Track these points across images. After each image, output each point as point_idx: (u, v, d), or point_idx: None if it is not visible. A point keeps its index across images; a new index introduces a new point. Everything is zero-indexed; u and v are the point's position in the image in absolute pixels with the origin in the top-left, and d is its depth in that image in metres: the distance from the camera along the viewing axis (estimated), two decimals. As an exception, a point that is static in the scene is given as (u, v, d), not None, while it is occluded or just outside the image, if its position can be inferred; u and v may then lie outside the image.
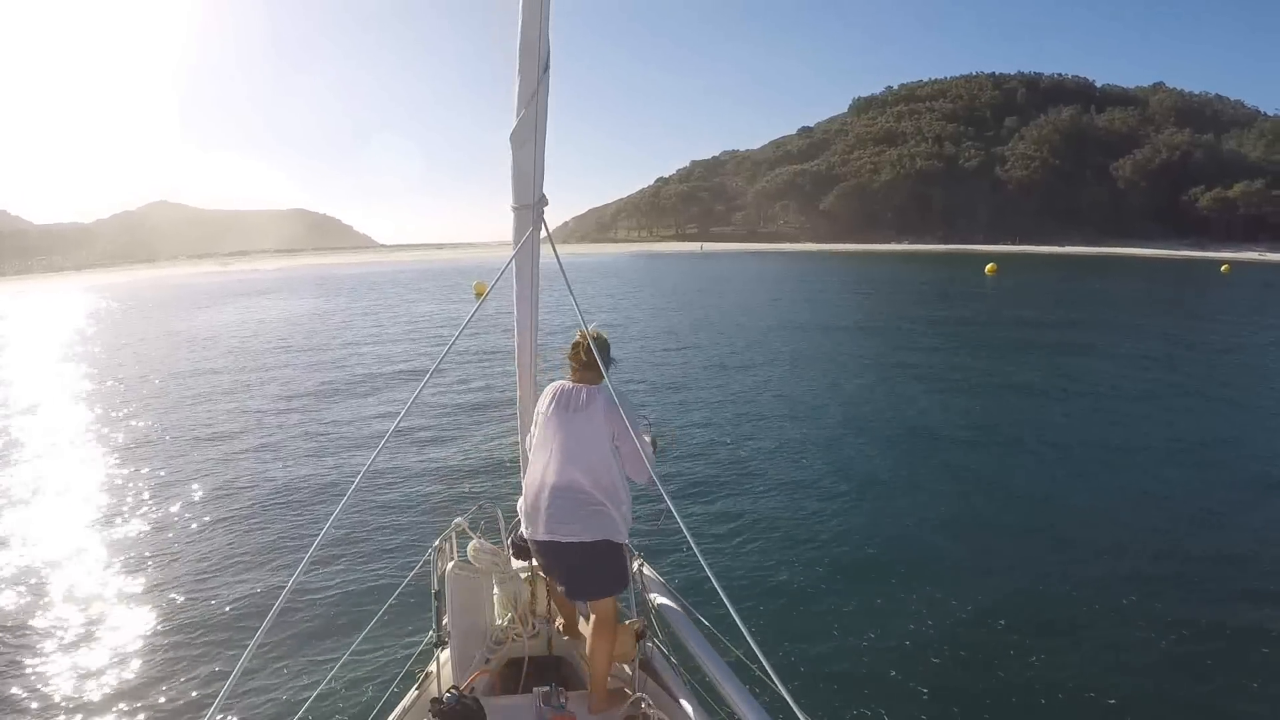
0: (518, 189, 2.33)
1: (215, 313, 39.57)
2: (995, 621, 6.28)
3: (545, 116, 2.09)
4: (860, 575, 7.15)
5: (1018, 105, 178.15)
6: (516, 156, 2.21)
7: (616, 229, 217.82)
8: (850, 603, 6.59)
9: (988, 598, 6.68)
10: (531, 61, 1.91)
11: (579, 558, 3.03)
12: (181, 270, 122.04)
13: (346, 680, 5.10)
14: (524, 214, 2.40)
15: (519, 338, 3.08)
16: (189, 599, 6.72)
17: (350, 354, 21.90)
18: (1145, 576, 7.09)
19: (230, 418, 14.02)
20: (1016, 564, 7.45)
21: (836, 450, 11.37)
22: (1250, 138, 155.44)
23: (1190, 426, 12.81)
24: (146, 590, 6.95)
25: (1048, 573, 7.20)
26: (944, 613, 6.40)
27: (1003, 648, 5.90)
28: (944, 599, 6.63)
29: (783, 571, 7.18)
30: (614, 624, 3.12)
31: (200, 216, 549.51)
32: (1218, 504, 9.10)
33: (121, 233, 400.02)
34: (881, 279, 55.96)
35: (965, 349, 21.55)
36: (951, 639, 5.98)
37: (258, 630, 1.89)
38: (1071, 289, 46.82)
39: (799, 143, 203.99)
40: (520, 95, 1.99)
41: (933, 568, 7.33)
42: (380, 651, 5.45)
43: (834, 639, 6.00)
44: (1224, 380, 16.91)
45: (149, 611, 6.53)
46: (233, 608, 6.54)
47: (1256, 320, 28.86)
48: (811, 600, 6.65)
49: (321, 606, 6.44)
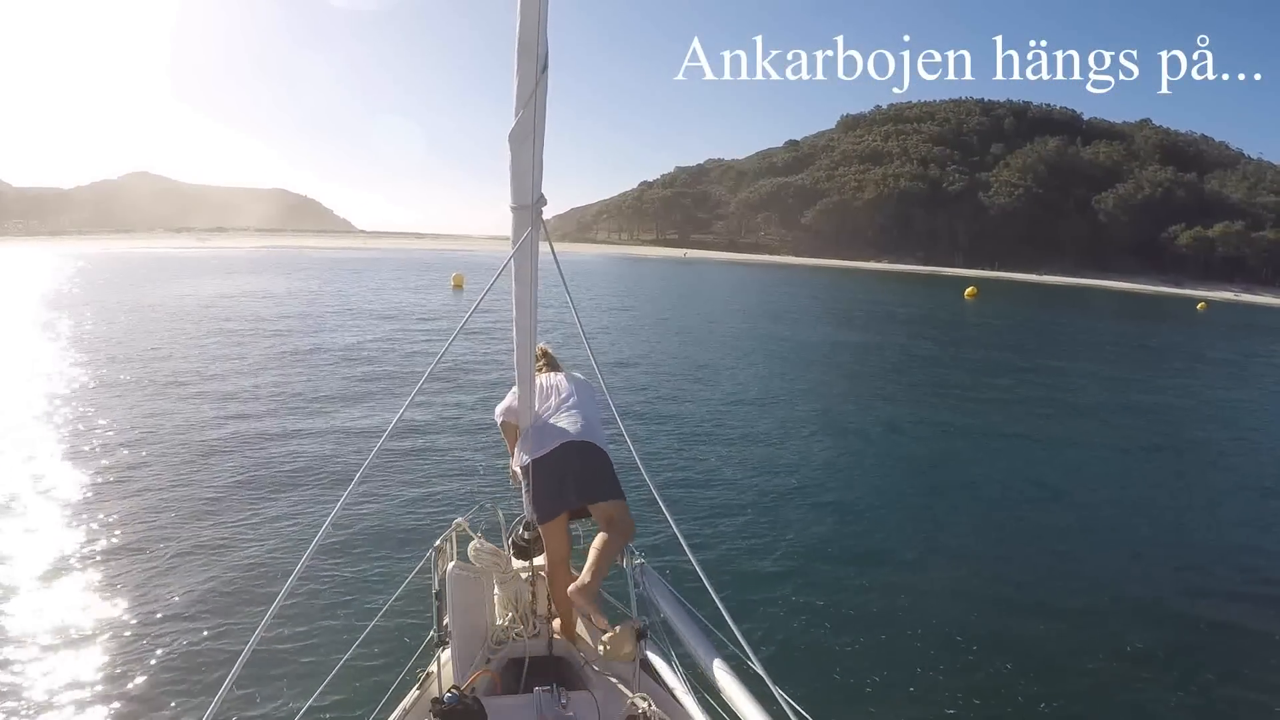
0: (516, 189, 2.34)
1: (196, 290, 37.49)
2: (995, 621, 6.51)
3: (544, 116, 2.11)
4: (861, 575, 7.31)
5: (1005, 133, 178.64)
6: (515, 156, 2.22)
7: (597, 230, 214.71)
8: (851, 602, 6.73)
9: (987, 597, 6.94)
10: (530, 61, 1.93)
11: (597, 459, 3.41)
12: (160, 243, 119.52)
13: (346, 680, 4.94)
14: (523, 214, 2.41)
15: (518, 339, 3.02)
16: (185, 599, 6.57)
17: (344, 346, 21.05)
18: (1144, 577, 7.64)
19: (222, 413, 13.27)
20: (1016, 564, 7.85)
21: (837, 454, 11.63)
22: (1233, 179, 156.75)
23: (1185, 458, 13.40)
24: (142, 590, 6.72)
25: (1047, 572, 7.62)
26: (944, 612, 6.59)
27: (1002, 647, 6.07)
28: (944, 599, 6.86)
29: (783, 571, 7.29)
30: (631, 525, 3.45)
31: (180, 189, 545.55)
32: (1206, 518, 9.90)
33: (100, 200, 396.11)
34: (862, 297, 56.45)
35: (949, 369, 22.03)
36: (952, 638, 6.15)
37: (255, 630, 1.89)
38: (1054, 319, 47.81)
39: (785, 155, 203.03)
40: (519, 95, 2.02)
41: (933, 568, 7.57)
42: (380, 651, 5.38)
43: (834, 639, 6.09)
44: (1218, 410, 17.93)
45: (145, 611, 6.35)
46: (230, 608, 6.40)
47: (1238, 358, 30.57)
48: (812, 600, 6.71)
49: (321, 606, 6.38)
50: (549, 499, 3.44)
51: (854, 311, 41.90)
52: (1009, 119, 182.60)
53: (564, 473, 3.38)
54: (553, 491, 3.43)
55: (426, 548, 3.49)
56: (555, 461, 3.38)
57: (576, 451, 3.38)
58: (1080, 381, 21.43)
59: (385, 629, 5.31)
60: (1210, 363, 28.12)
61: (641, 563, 3.38)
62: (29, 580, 6.98)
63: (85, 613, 6.40)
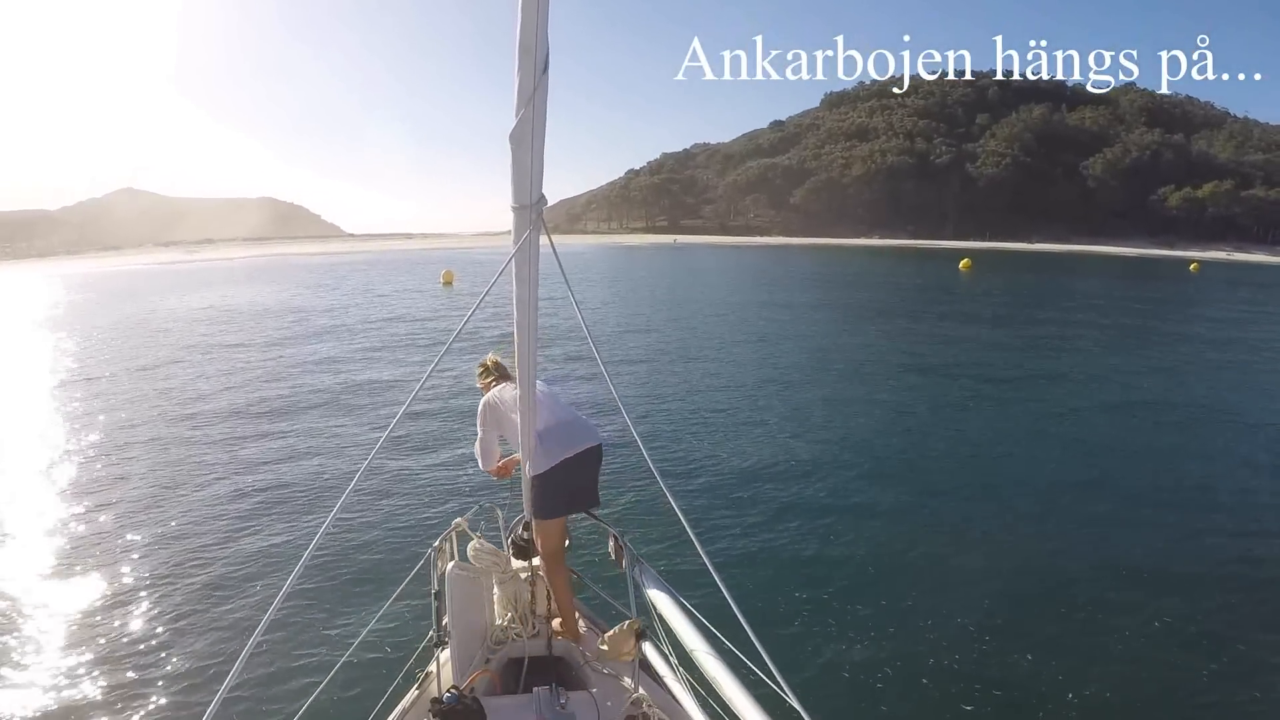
0: (517, 189, 2.34)
1: (189, 302, 37.46)
2: (994, 620, 6.34)
3: (544, 117, 2.12)
4: (860, 574, 7.19)
5: (989, 103, 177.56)
6: (515, 156, 2.22)
7: (586, 220, 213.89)
8: (850, 601, 6.60)
9: (987, 596, 6.74)
10: (530, 62, 1.93)
11: (597, 461, 3.59)
12: (148, 258, 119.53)
13: (346, 680, 4.99)
14: (523, 214, 2.41)
15: (518, 339, 2.98)
16: (185, 599, 6.59)
17: (344, 346, 21.11)
18: (1146, 577, 7.13)
19: (220, 414, 13.40)
20: (1015, 563, 7.52)
21: (837, 451, 11.17)
22: (1220, 138, 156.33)
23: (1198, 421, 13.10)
24: (141, 590, 6.80)
25: (1046, 573, 7.29)
26: (944, 612, 6.44)
27: (1001, 645, 5.95)
28: (944, 598, 6.69)
29: (783, 571, 7.20)
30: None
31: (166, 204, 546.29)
32: (1217, 498, 9.33)
33: (87, 220, 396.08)
34: (858, 274, 55.48)
35: (952, 349, 20.96)
36: (952, 637, 6.03)
37: (255, 630, 1.91)
38: (1057, 287, 46.70)
39: (771, 136, 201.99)
40: (519, 95, 2.02)
41: (933, 567, 7.40)
42: (380, 651, 5.41)
43: (834, 638, 6.01)
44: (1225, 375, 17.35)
45: (145, 611, 6.40)
46: (230, 607, 6.42)
47: (1238, 314, 30.42)
48: (811, 599, 6.63)
49: (320, 606, 6.37)
50: (556, 503, 3.51)
51: (853, 290, 40.95)
52: (993, 89, 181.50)
53: (576, 481, 3.49)
54: (561, 497, 3.51)
55: (426, 548, 3.51)
56: (568, 471, 3.43)
57: (592, 458, 3.54)
58: (1104, 351, 20.87)
59: (385, 629, 5.46)
60: (1234, 323, 27.54)
61: (641, 563, 3.38)
62: (30, 581, 7.04)
63: (85, 613, 6.44)
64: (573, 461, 3.45)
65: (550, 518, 3.54)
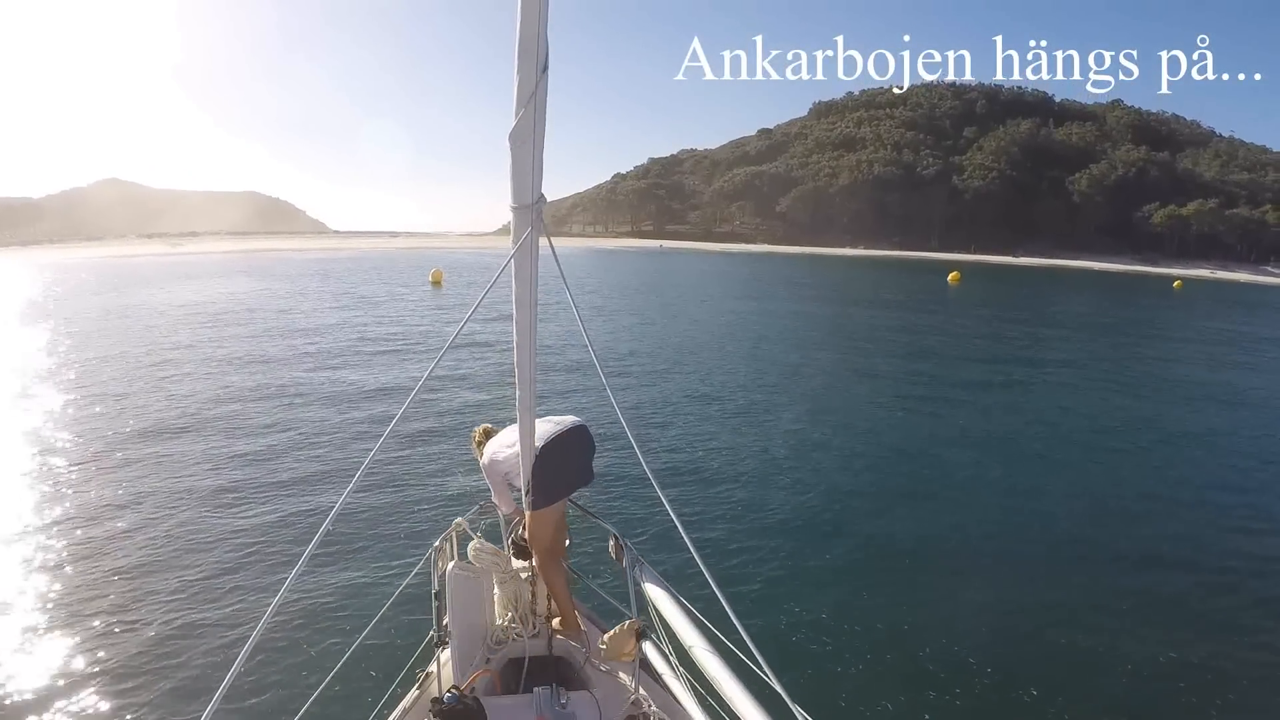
0: (516, 189, 2.35)
1: (177, 295, 36.21)
2: (994, 620, 6.38)
3: (544, 117, 2.13)
4: (860, 574, 7.20)
5: (977, 116, 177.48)
6: (515, 156, 2.23)
7: (571, 224, 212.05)
8: (850, 601, 6.63)
9: (986, 595, 6.81)
10: (530, 62, 1.94)
11: (588, 438, 3.65)
12: (131, 249, 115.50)
13: (346, 680, 4.96)
14: (523, 213, 2.41)
15: (518, 340, 2.97)
16: (184, 599, 6.54)
17: (342, 346, 20.71)
18: (1142, 576, 7.31)
19: (220, 414, 13.13)
20: (1015, 563, 7.58)
21: (835, 451, 11.37)
22: (1205, 157, 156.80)
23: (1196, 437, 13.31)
24: (141, 589, 6.70)
25: (1046, 573, 7.36)
26: (943, 611, 6.51)
27: (1001, 645, 6.00)
28: (943, 597, 6.77)
29: (782, 571, 7.19)
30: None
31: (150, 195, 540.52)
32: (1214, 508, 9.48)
33: (70, 209, 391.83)
34: (846, 284, 55.75)
35: (949, 359, 21.39)
36: (951, 637, 6.07)
37: (255, 630, 1.91)
38: (1045, 302, 47.69)
39: (758, 144, 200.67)
40: (519, 96, 2.03)
41: (931, 566, 7.44)
42: (380, 651, 5.38)
43: (834, 637, 6.05)
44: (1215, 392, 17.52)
45: (145, 612, 6.34)
46: (230, 607, 6.39)
47: (1223, 333, 31.24)
48: (811, 599, 6.62)
49: (321, 606, 6.34)
50: (558, 483, 3.52)
51: (845, 300, 40.78)
52: (981, 102, 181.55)
53: (573, 459, 3.54)
54: (562, 476, 3.53)
55: (426, 548, 3.49)
56: (564, 448, 3.48)
57: (583, 434, 3.59)
58: (1099, 364, 21.02)
59: (385, 629, 5.34)
60: (1224, 341, 28.25)
61: (642, 562, 3.33)
62: (29, 582, 6.89)
63: (85, 613, 6.33)
64: (568, 437, 3.49)
65: (553, 501, 3.50)
